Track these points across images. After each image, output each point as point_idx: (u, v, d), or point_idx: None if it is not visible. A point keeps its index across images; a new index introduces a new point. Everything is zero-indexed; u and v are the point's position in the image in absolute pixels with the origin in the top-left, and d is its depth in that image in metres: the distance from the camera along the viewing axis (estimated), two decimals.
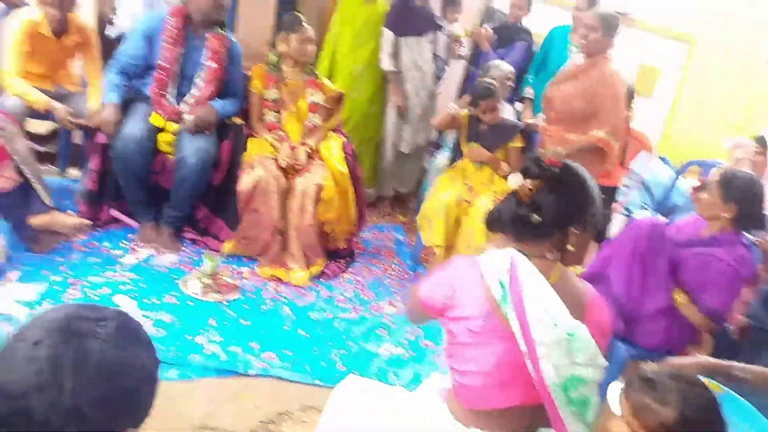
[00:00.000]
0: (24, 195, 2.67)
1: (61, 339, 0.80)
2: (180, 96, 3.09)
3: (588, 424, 1.33)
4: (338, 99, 3.48)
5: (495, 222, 1.47)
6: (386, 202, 4.29)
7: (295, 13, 3.35)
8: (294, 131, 3.29)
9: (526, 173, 1.42)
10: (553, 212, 1.39)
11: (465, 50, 4.22)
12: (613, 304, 2.34)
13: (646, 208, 4.62)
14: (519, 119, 3.75)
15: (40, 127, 3.58)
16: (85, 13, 3.39)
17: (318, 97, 3.31)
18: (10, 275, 2.50)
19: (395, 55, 3.92)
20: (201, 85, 3.09)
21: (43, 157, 3.60)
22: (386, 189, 4.26)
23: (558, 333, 1.30)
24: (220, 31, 3.10)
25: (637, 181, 4.57)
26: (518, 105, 4.09)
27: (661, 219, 2.83)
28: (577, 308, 1.37)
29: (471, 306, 1.38)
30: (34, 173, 2.71)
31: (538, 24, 4.38)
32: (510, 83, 3.69)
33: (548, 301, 1.33)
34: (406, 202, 4.38)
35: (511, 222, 1.42)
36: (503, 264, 1.37)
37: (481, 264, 1.40)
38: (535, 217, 1.38)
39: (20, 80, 3.00)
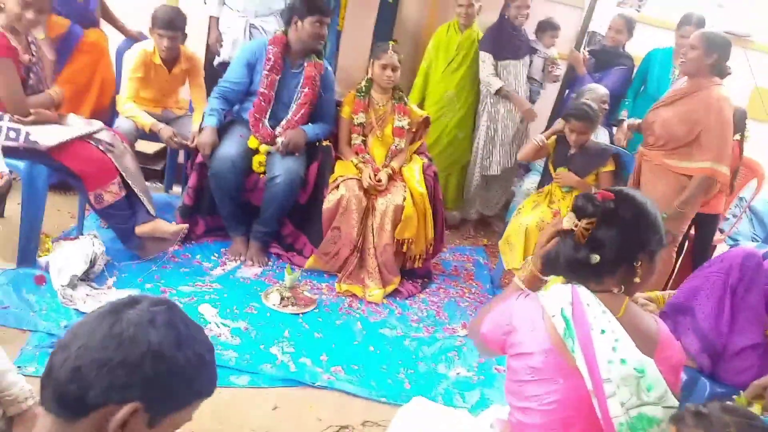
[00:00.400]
0: (130, 206, 2.94)
1: (95, 314, 0.94)
2: (275, 120, 3.28)
3: None
4: (424, 123, 3.54)
5: (553, 266, 1.40)
6: (470, 225, 4.26)
7: (385, 42, 3.46)
8: (379, 154, 3.39)
9: (579, 213, 1.34)
10: (615, 248, 1.32)
11: (560, 71, 4.15)
12: (699, 338, 2.18)
13: (756, 240, 4.26)
14: (613, 142, 3.63)
15: (150, 147, 3.93)
16: (195, 44, 3.68)
17: (404, 122, 3.39)
18: (108, 281, 2.75)
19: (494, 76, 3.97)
20: (295, 110, 3.27)
21: (151, 175, 3.94)
22: (470, 212, 4.24)
23: (627, 369, 1.24)
24: (317, 59, 3.27)
25: (746, 210, 4.23)
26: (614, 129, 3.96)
27: (759, 250, 2.61)
28: (646, 343, 1.30)
29: (532, 342, 1.33)
30: (140, 187, 2.99)
31: (640, 47, 4.22)
32: (605, 107, 3.59)
33: (616, 336, 1.27)
34: (491, 225, 4.33)
35: (570, 265, 1.35)
36: (565, 298, 1.32)
37: (542, 298, 1.35)
38: (595, 258, 1.31)
39: (132, 104, 3.32)
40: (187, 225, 3.07)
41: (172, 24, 3.26)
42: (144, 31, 3.56)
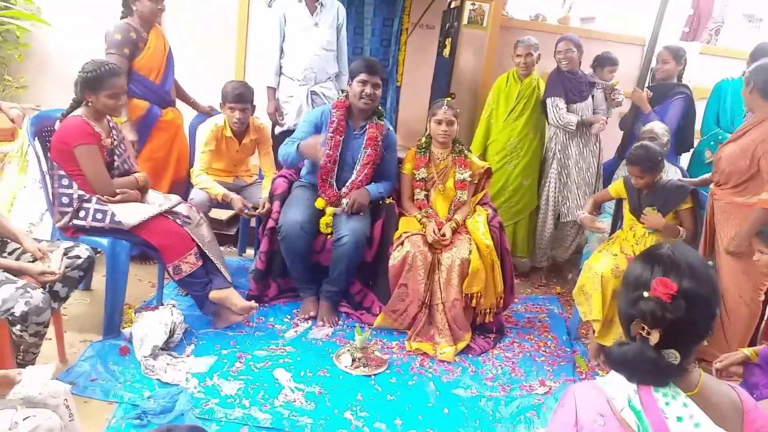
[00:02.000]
0: (207, 275, 3.05)
1: None
2: (341, 181, 3.36)
3: None
4: (486, 174, 3.53)
5: (622, 367, 1.25)
6: (541, 273, 4.16)
7: (441, 99, 3.51)
8: (442, 208, 3.40)
9: (658, 324, 1.21)
10: (690, 340, 1.22)
11: (621, 96, 4.07)
12: None
13: None
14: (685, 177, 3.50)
15: (223, 214, 4.10)
16: (262, 114, 3.87)
17: (466, 175, 3.39)
18: (187, 349, 2.84)
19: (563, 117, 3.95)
20: (359, 170, 3.35)
21: (225, 239, 4.10)
22: (541, 259, 4.14)
23: None
24: (378, 120, 3.37)
25: None
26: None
27: None
28: (731, 416, 1.21)
29: None
30: (215, 254, 3.11)
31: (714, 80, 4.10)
32: (666, 146, 3.48)
33: (695, 420, 1.18)
34: (563, 271, 4.20)
35: (644, 368, 1.22)
36: (631, 385, 1.23)
37: (606, 387, 1.26)
38: (674, 355, 1.20)
39: (206, 176, 3.49)
40: (256, 305, 3.14)
41: (242, 97, 3.43)
42: (214, 105, 3.78)
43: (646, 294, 1.21)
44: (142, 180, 3.02)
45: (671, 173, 3.62)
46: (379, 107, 3.44)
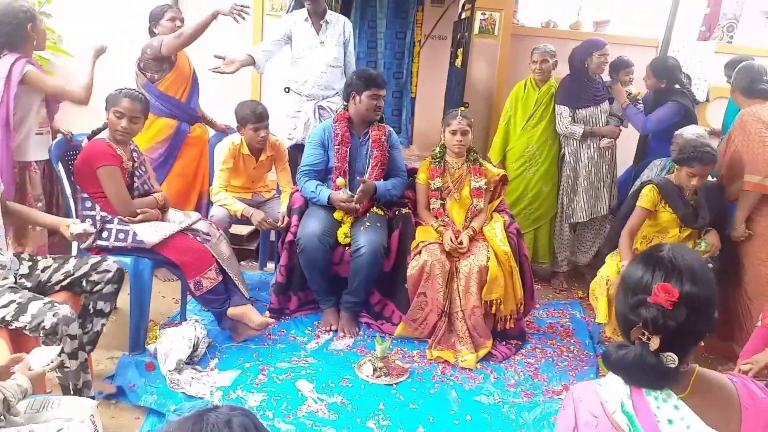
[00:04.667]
0: (226, 290, 3.10)
1: (184, 417, 1.03)
2: (354, 189, 3.39)
3: None
4: (502, 181, 3.54)
5: (621, 370, 1.25)
6: (562, 277, 4.13)
7: (455, 108, 3.54)
8: (459, 216, 3.41)
9: (661, 330, 1.19)
10: (688, 343, 1.22)
11: (632, 88, 4.06)
12: None
13: None
14: None
15: (244, 229, 4.16)
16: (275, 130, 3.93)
17: (481, 182, 3.41)
18: (211, 363, 2.89)
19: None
20: (369, 172, 3.41)
21: (245, 254, 4.15)
22: (561, 263, 4.12)
23: None
24: (378, 123, 3.46)
25: None
26: None
27: None
28: (729, 411, 1.19)
29: None
30: (234, 271, 3.15)
31: None
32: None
33: (687, 423, 1.17)
34: (584, 276, 4.17)
35: (643, 372, 1.21)
36: (624, 389, 1.23)
37: (601, 390, 1.26)
38: (672, 359, 1.19)
39: (225, 193, 3.55)
40: (273, 321, 3.19)
41: (263, 116, 3.51)
42: (230, 124, 3.85)
43: (646, 299, 1.20)
44: (162, 199, 3.09)
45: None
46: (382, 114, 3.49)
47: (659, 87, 3.88)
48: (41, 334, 2.22)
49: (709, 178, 3.15)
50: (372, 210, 3.39)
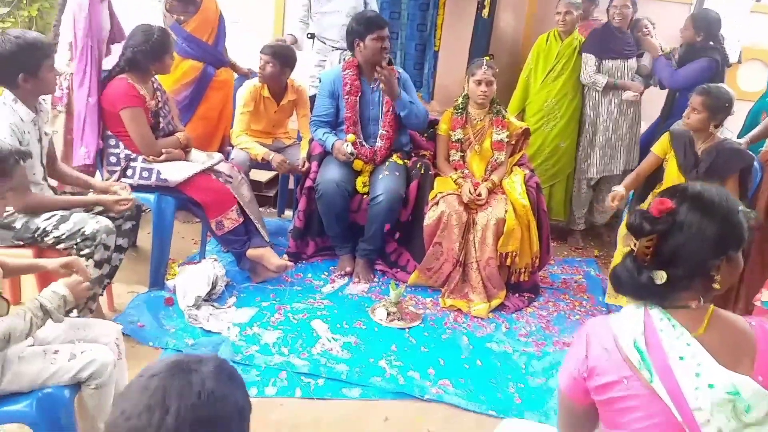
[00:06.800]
0: (246, 232, 3.15)
1: (169, 373, 0.96)
2: (370, 137, 3.40)
3: None
4: (524, 134, 3.51)
5: (620, 287, 1.28)
6: (578, 236, 4.13)
7: (480, 58, 3.48)
8: (479, 169, 3.40)
9: (635, 233, 1.23)
10: (685, 261, 1.19)
11: (664, 44, 3.96)
12: None
13: None
14: None
15: (263, 175, 4.18)
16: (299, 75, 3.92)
17: (503, 135, 3.38)
18: (229, 300, 2.96)
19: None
20: (384, 120, 3.37)
21: (264, 201, 4.19)
22: (578, 221, 4.11)
23: (717, 394, 1.15)
24: (389, 65, 3.35)
25: None
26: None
27: None
28: (741, 352, 1.19)
29: (609, 372, 1.23)
30: (254, 214, 3.20)
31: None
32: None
33: (697, 360, 1.17)
34: (601, 235, 4.16)
35: (636, 289, 1.24)
36: (638, 326, 1.23)
37: (614, 325, 1.26)
38: (661, 276, 1.20)
39: (246, 137, 3.57)
40: (292, 264, 3.24)
41: (275, 53, 3.49)
42: (253, 68, 3.84)
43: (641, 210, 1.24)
44: (184, 139, 3.12)
45: None
46: (390, 56, 3.42)
47: (695, 41, 3.75)
48: (78, 241, 2.29)
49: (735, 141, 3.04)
50: (391, 159, 3.39)
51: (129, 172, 2.96)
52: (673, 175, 3.02)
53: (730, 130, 3.70)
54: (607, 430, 1.30)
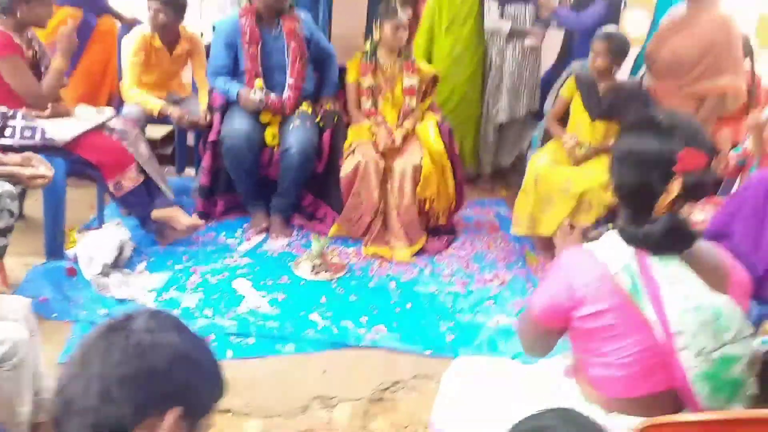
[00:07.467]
0: (148, 192, 2.93)
1: (96, 337, 0.89)
2: (279, 86, 3.22)
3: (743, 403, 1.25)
4: (434, 80, 3.49)
5: (645, 243, 1.26)
6: (486, 178, 4.24)
7: (392, 1, 3.38)
8: (391, 115, 3.35)
9: (692, 195, 1.26)
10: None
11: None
12: (741, 261, 2.19)
13: None
14: None
15: (158, 131, 3.89)
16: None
17: (414, 81, 3.34)
18: (138, 266, 2.75)
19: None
20: (291, 69, 3.20)
21: (161, 159, 3.89)
22: (485, 165, 4.21)
23: (702, 315, 1.20)
24: (289, 12, 3.21)
25: None
26: None
27: None
28: (718, 276, 1.26)
29: (600, 300, 1.25)
30: (155, 172, 2.97)
31: None
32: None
33: (686, 283, 1.22)
34: (506, 177, 4.30)
35: (671, 240, 1.25)
36: (627, 251, 1.25)
37: (599, 253, 1.28)
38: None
39: (138, 89, 3.27)
40: (203, 223, 3.06)
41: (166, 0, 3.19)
42: (138, 16, 3.51)
43: (672, 169, 1.22)
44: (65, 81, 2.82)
45: None
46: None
47: None
48: None
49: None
50: (301, 108, 3.26)
51: (7, 131, 2.61)
52: (578, 114, 3.19)
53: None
54: (582, 355, 1.34)
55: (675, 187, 1.22)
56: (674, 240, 1.25)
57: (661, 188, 1.24)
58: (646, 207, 1.27)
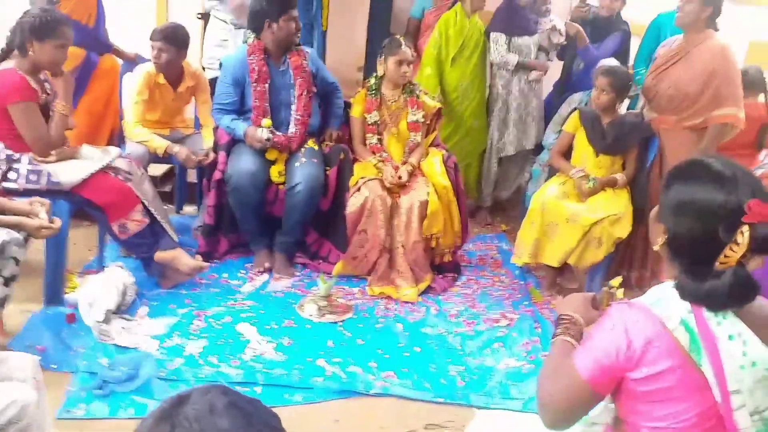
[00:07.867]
0: (152, 233, 2.88)
1: (147, 425, 0.82)
2: (285, 122, 3.21)
3: None
4: (437, 114, 3.49)
5: (709, 299, 1.18)
6: (485, 212, 4.22)
7: (396, 36, 3.39)
8: (397, 151, 3.35)
9: (760, 249, 1.16)
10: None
11: (559, 39, 4.09)
12: None
13: None
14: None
15: (158, 170, 3.85)
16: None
17: (418, 115, 3.34)
18: (140, 311, 2.69)
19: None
20: (297, 104, 3.19)
21: (161, 197, 3.86)
22: (486, 198, 4.20)
23: (758, 372, 1.15)
24: (296, 48, 3.23)
25: None
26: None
27: None
28: None
29: (660, 360, 1.16)
30: (160, 212, 2.93)
31: (644, 15, 4.13)
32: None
33: (744, 338, 1.17)
34: (506, 210, 4.29)
35: (734, 296, 1.17)
36: (683, 305, 1.19)
37: (655, 309, 1.20)
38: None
39: (142, 128, 3.23)
40: (207, 265, 3.00)
41: (167, 37, 3.20)
42: (140, 52, 3.50)
43: (741, 220, 1.14)
44: (72, 124, 2.81)
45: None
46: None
47: (617, 9, 3.90)
48: None
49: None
50: (307, 145, 3.24)
51: (11, 175, 2.58)
52: (582, 149, 3.22)
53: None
54: (630, 417, 1.25)
55: (746, 240, 1.14)
56: (739, 295, 1.18)
57: (727, 240, 1.16)
58: (706, 259, 1.19)
